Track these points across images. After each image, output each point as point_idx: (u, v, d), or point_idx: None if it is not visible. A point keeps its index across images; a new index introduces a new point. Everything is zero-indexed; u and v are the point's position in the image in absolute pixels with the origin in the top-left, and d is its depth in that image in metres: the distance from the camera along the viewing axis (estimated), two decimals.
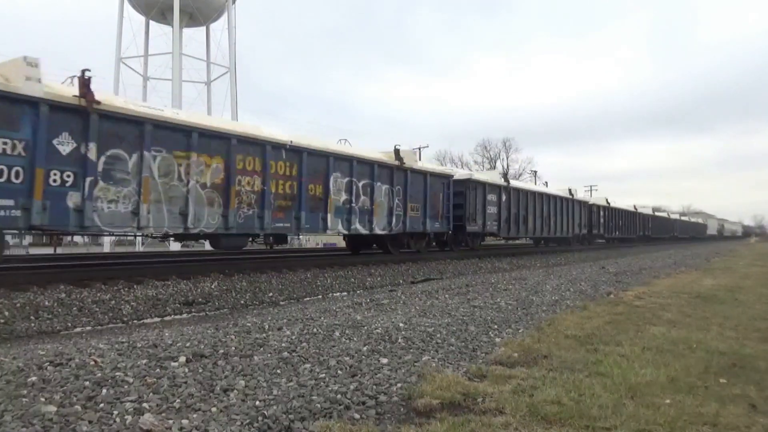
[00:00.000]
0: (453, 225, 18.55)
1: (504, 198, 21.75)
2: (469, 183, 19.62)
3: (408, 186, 16.00)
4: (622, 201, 43.75)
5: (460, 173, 20.26)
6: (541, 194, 25.83)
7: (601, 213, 34.38)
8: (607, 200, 35.96)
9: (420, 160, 20.39)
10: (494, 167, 69.21)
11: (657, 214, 51.97)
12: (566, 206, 28.23)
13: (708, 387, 3.64)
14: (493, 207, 20.94)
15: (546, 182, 32.20)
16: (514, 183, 24.19)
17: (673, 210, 79.62)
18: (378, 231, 14.92)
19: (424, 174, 16.94)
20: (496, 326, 5.68)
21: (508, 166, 70.58)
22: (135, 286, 8.90)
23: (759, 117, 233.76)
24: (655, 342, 5.00)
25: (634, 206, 43.03)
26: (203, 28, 41.29)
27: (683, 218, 70.08)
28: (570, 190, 29.07)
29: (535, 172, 68.24)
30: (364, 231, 14.54)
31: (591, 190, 63.97)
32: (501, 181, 22.32)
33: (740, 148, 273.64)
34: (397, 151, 15.76)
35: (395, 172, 15.54)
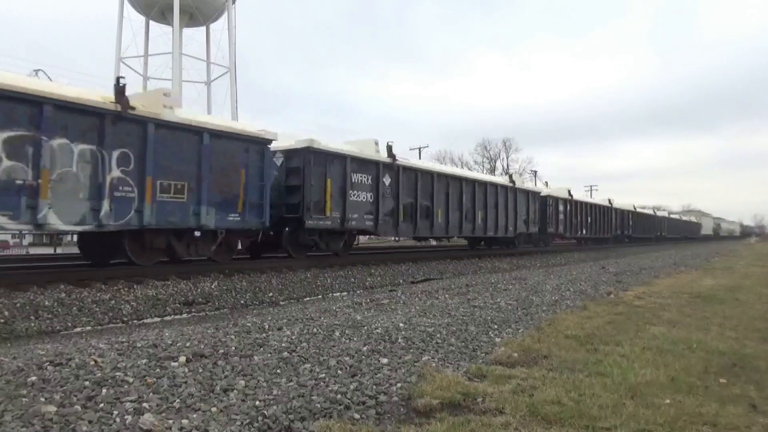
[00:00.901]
0: (281, 217, 12.74)
1: (388, 180, 15.13)
2: (310, 154, 12.71)
3: (152, 149, 9.52)
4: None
5: (297, 140, 13.12)
6: (460, 179, 18.80)
7: (561, 208, 27.57)
8: (569, 192, 29.51)
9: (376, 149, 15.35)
10: (494, 167, 69.09)
11: (640, 210, 45.10)
12: (505, 197, 21.56)
13: (708, 387, 3.64)
14: (364, 193, 14.28)
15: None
16: (409, 161, 16.78)
17: (673, 210, 75.66)
18: (59, 224, 8.47)
19: (196, 132, 10.33)
20: (496, 326, 5.68)
21: (508, 166, 70.53)
22: (135, 286, 8.90)
23: (762, 115, 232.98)
24: (655, 342, 5.00)
25: (609, 200, 36.88)
26: (203, 28, 41.31)
27: (673, 216, 61.32)
28: (511, 177, 23.06)
29: (536, 171, 68.23)
30: (14, 225, 8.13)
31: (591, 190, 63.98)
32: (380, 156, 15.00)
33: (742, 147, 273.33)
34: (119, 89, 9.07)
35: (111, 123, 8.98)
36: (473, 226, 19.47)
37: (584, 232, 31.27)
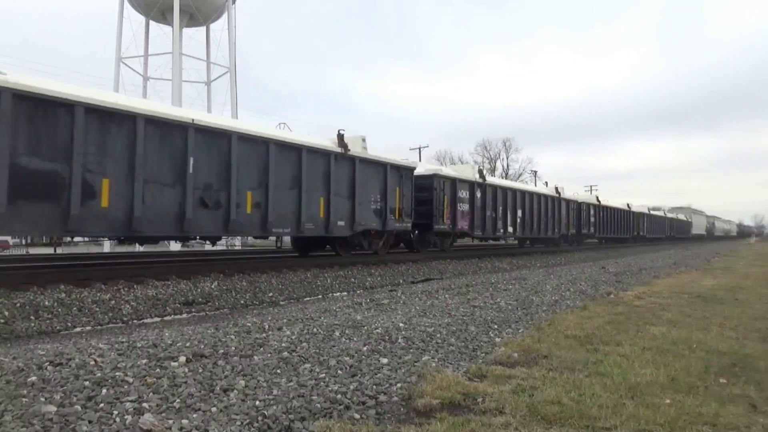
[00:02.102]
0: None
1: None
2: None
3: None
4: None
5: None
6: (167, 124, 9.76)
7: (463, 194, 18.71)
8: (480, 172, 20.60)
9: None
10: (494, 167, 69.12)
11: (607, 204, 35.78)
12: (341, 175, 13.51)
13: (708, 387, 3.64)
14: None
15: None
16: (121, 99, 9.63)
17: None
18: None
19: None
20: (496, 326, 5.68)
21: (508, 166, 70.70)
22: (135, 286, 8.90)
23: (765, 115, 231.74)
24: (655, 342, 5.00)
25: (557, 189, 27.46)
26: (203, 28, 41.35)
27: (655, 213, 51.51)
28: (342, 138, 13.64)
29: (536, 171, 68.25)
30: None
31: (591, 190, 63.84)
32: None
33: (744, 146, 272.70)
34: None
35: None
36: (226, 215, 10.65)
37: (511, 230, 22.33)
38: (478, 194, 19.92)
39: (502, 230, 21.62)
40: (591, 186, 67.37)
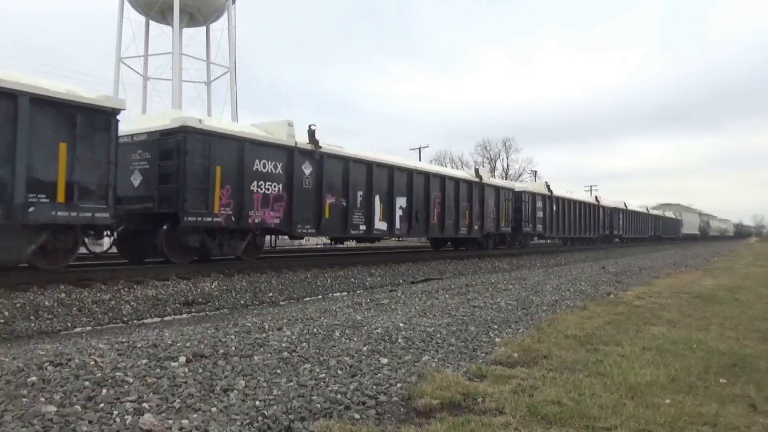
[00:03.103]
0: None
1: None
2: None
3: None
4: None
5: None
6: None
7: (269, 167, 11.67)
8: (311, 135, 12.85)
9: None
10: (494, 167, 69.04)
11: (561, 195, 27.52)
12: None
13: (708, 387, 3.64)
14: None
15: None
16: None
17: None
18: None
19: None
20: (496, 326, 5.68)
21: (508, 166, 70.57)
22: (135, 286, 8.90)
23: (767, 114, 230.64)
24: (655, 342, 5.00)
25: (477, 171, 20.57)
26: (203, 28, 41.29)
27: (635, 209, 43.30)
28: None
29: (536, 171, 68.20)
30: None
31: (591, 190, 63.78)
32: None
33: (745, 146, 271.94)
34: None
35: None
36: None
37: (384, 226, 15.12)
38: (307, 170, 12.66)
39: (363, 227, 14.36)
40: (591, 186, 67.11)
